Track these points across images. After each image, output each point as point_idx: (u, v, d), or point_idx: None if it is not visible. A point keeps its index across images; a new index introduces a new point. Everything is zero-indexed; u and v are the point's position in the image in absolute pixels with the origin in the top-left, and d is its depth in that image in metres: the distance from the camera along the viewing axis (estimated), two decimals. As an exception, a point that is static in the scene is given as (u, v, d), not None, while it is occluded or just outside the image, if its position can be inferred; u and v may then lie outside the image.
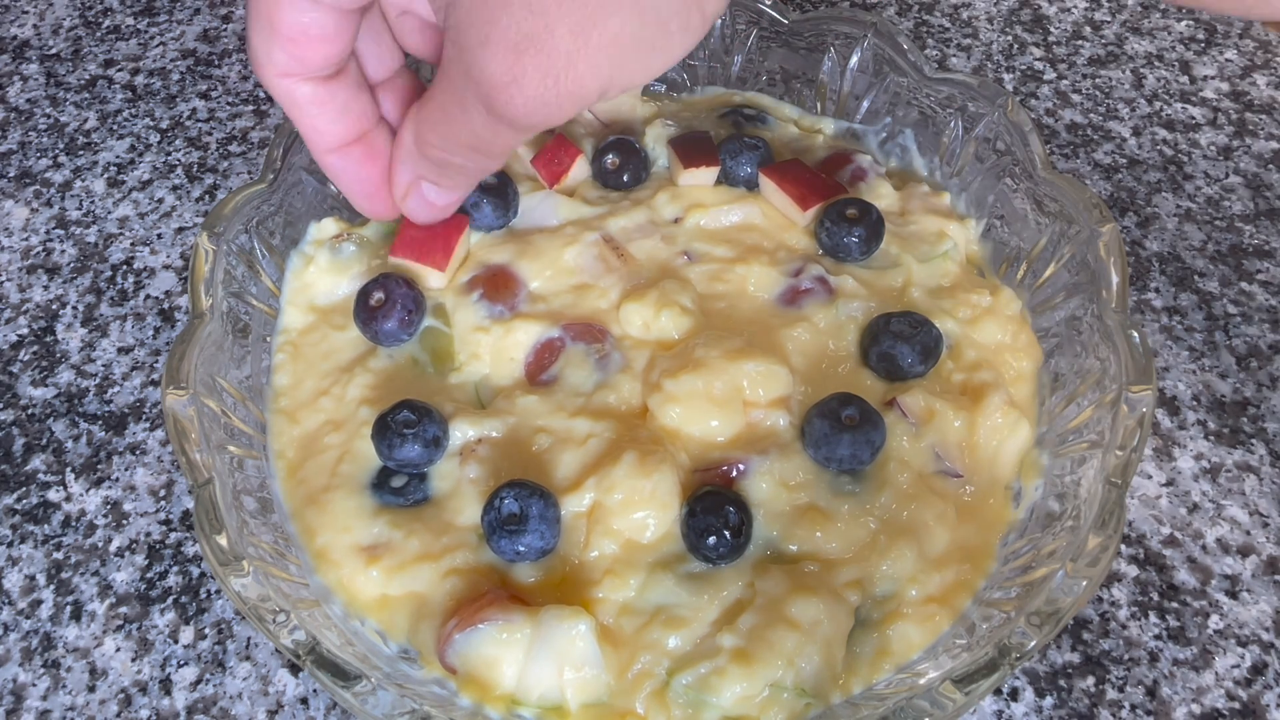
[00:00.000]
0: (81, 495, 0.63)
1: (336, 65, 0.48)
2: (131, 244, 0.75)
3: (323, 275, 0.62)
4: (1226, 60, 0.88)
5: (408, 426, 0.53)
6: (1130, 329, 0.53)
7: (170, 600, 0.59)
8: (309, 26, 0.45)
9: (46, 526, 0.62)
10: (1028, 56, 0.88)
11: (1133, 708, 0.55)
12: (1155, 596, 0.58)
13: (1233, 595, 0.58)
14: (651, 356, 0.57)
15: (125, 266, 0.74)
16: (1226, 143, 0.81)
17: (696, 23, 0.39)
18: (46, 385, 0.68)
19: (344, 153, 0.51)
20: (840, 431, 0.52)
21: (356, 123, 0.50)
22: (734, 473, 0.53)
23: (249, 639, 0.57)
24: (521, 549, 0.50)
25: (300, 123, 0.50)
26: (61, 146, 0.81)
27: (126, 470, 0.64)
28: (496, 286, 0.60)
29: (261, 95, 0.84)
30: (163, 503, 0.63)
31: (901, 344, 0.56)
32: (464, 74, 0.39)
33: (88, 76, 0.86)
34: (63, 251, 0.75)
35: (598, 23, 0.37)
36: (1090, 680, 0.56)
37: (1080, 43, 0.89)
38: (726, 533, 0.50)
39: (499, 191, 0.62)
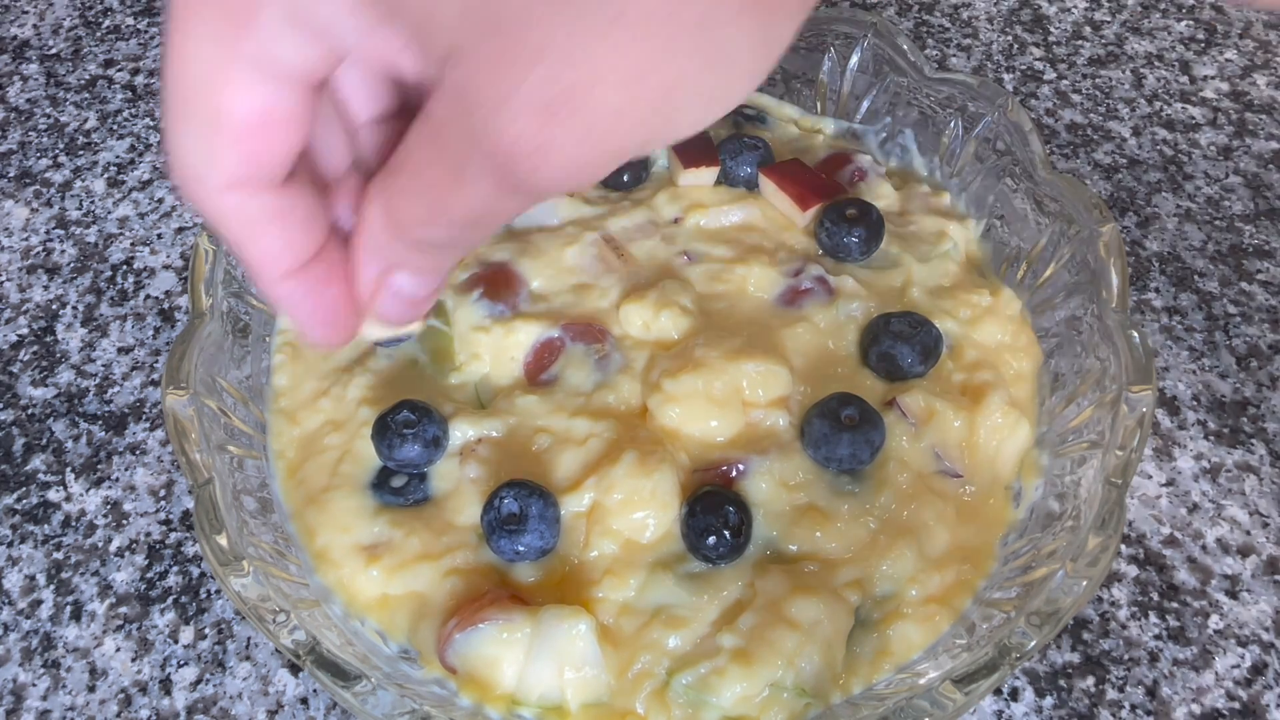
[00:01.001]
0: (81, 495, 0.63)
1: (292, 162, 0.35)
2: (131, 244, 0.75)
3: (322, 275, 0.62)
4: (1226, 60, 0.88)
5: (408, 426, 0.53)
6: (1130, 329, 0.53)
7: (170, 600, 0.59)
8: (267, 111, 0.33)
9: (46, 526, 0.62)
10: (1028, 56, 0.88)
11: (1133, 708, 0.55)
12: (1155, 596, 0.58)
13: (1233, 595, 0.58)
14: (651, 356, 0.57)
15: (125, 266, 0.74)
16: (1226, 143, 0.81)
17: (764, 60, 0.32)
18: (46, 385, 0.68)
19: (302, 276, 0.38)
20: (840, 431, 0.52)
21: (317, 234, 0.38)
22: (734, 473, 0.53)
23: (249, 639, 0.57)
24: (521, 549, 0.50)
25: (250, 249, 0.36)
26: (61, 146, 0.81)
27: (126, 470, 0.64)
28: (497, 285, 0.60)
29: (261, 95, 0.84)
30: (163, 503, 0.62)
31: (901, 344, 0.56)
32: (468, 138, 0.31)
33: (88, 76, 0.86)
34: (63, 251, 0.75)
35: (655, 69, 0.29)
36: (1090, 680, 0.56)
37: (1080, 43, 0.89)
38: (726, 532, 0.50)
39: (499, 191, 0.62)
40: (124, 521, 0.62)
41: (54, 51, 0.88)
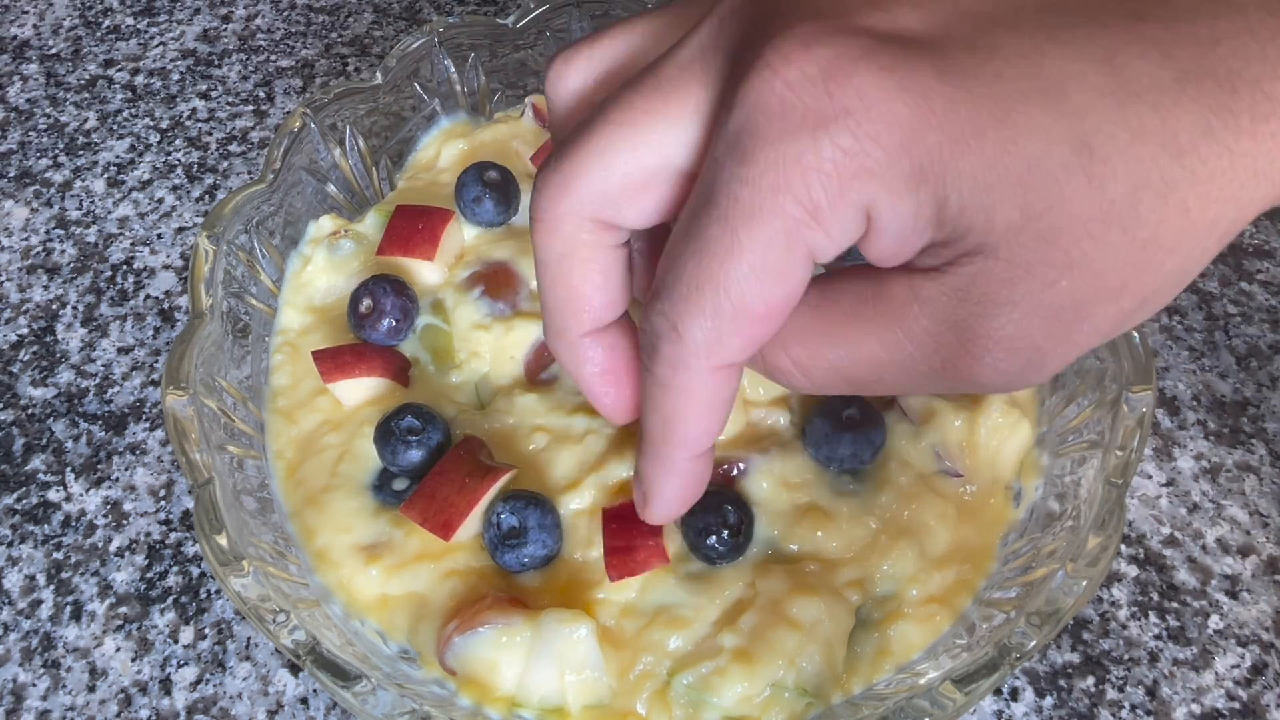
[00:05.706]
0: (81, 495, 0.63)
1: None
2: (131, 244, 0.75)
3: (320, 274, 0.62)
4: (1226, 60, 0.87)
5: (412, 434, 0.52)
6: (1130, 329, 0.53)
7: (170, 600, 0.59)
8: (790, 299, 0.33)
9: (46, 526, 0.62)
10: (1028, 56, 0.88)
11: (1133, 708, 0.55)
12: (1155, 596, 0.58)
13: (1233, 595, 0.58)
14: (652, 356, 0.57)
15: (125, 266, 0.74)
16: (1226, 143, 0.81)
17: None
18: (46, 385, 0.68)
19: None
20: (841, 431, 0.52)
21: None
22: (734, 472, 0.53)
23: (249, 639, 0.57)
24: (526, 560, 0.50)
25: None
26: (61, 146, 0.81)
27: (126, 470, 0.64)
28: (498, 284, 0.60)
29: (261, 95, 0.84)
30: (163, 503, 0.62)
31: (902, 344, 0.56)
32: (947, 322, 0.32)
33: (88, 76, 0.86)
34: (63, 251, 0.75)
35: (1160, 286, 0.31)
36: (1090, 680, 0.56)
37: (1080, 43, 0.89)
38: (726, 532, 0.50)
39: (501, 188, 0.62)
40: (124, 521, 0.62)
41: (54, 51, 0.88)
